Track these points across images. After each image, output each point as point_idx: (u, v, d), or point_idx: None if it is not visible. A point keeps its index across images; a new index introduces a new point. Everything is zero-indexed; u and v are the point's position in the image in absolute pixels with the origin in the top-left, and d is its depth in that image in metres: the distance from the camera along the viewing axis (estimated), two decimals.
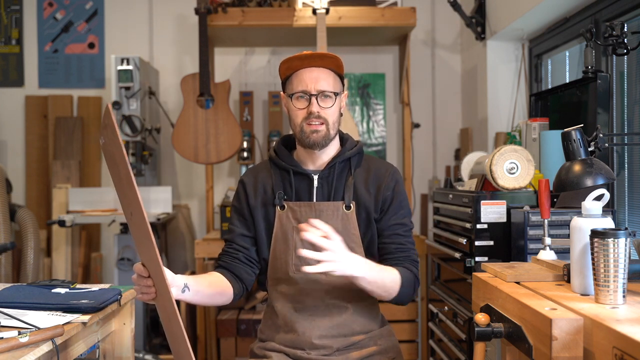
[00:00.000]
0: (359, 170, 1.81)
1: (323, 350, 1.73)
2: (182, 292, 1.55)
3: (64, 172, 3.98)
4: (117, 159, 1.32)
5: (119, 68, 3.54)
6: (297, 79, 1.75)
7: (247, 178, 1.85)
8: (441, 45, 4.21)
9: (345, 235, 1.74)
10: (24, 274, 3.59)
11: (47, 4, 4.19)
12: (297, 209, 1.77)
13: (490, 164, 2.26)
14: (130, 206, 1.35)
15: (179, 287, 1.54)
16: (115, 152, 1.31)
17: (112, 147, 1.32)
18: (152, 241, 1.31)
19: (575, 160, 1.70)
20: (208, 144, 3.49)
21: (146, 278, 1.45)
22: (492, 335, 1.55)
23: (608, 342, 1.19)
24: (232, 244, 1.82)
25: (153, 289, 1.46)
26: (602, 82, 2.26)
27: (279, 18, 3.54)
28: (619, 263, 1.35)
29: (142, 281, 1.45)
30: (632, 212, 2.48)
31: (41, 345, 1.36)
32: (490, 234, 2.27)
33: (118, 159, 1.31)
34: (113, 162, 1.36)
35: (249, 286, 1.81)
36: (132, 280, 1.49)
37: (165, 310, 1.44)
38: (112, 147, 1.32)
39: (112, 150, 1.33)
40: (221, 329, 3.44)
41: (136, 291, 1.50)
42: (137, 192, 1.28)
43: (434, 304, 2.90)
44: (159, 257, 1.34)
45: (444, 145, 4.21)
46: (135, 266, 1.46)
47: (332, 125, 1.75)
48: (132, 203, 1.32)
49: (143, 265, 1.45)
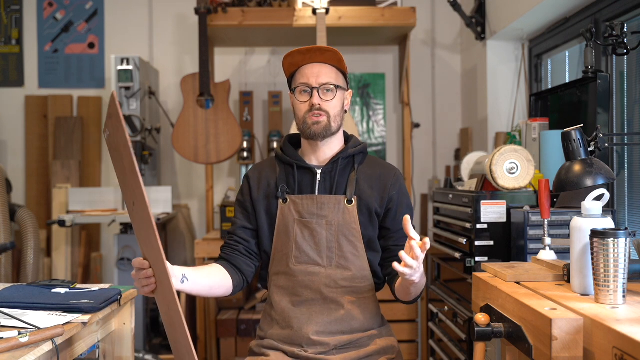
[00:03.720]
0: (363, 168, 1.84)
1: (320, 347, 1.73)
2: (181, 282, 1.56)
3: (64, 172, 3.98)
4: (121, 148, 1.33)
5: (119, 68, 3.54)
6: (299, 74, 1.80)
7: (252, 173, 1.90)
8: (441, 45, 4.21)
9: (345, 229, 1.76)
10: (24, 274, 3.59)
11: (47, 4, 4.19)
12: (299, 201, 1.79)
13: (490, 164, 2.26)
14: (133, 195, 1.36)
15: (178, 277, 1.55)
16: (120, 141, 1.32)
17: (116, 137, 1.33)
18: (153, 228, 1.32)
19: (575, 160, 1.70)
20: (208, 144, 3.49)
21: (146, 270, 1.46)
22: (492, 335, 1.55)
23: (608, 342, 1.19)
24: (233, 236, 1.85)
25: (153, 280, 1.47)
26: (602, 82, 2.26)
27: (279, 18, 3.54)
28: (619, 263, 1.35)
29: (142, 273, 1.47)
30: (632, 212, 2.48)
31: (41, 345, 1.36)
32: (490, 234, 2.27)
33: (122, 148, 1.32)
34: (117, 153, 1.37)
35: (249, 278, 1.84)
36: (132, 276, 1.50)
37: (165, 299, 1.45)
38: (116, 137, 1.33)
39: (117, 140, 1.33)
40: (221, 329, 3.44)
41: (136, 286, 1.51)
42: (139, 180, 1.28)
43: (434, 304, 2.90)
44: (160, 244, 1.35)
45: (444, 145, 4.21)
46: (135, 260, 1.48)
47: (334, 118, 1.78)
48: (135, 192, 1.33)
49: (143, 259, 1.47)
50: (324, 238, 1.76)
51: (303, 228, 1.77)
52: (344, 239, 1.76)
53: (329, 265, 1.76)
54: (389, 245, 1.81)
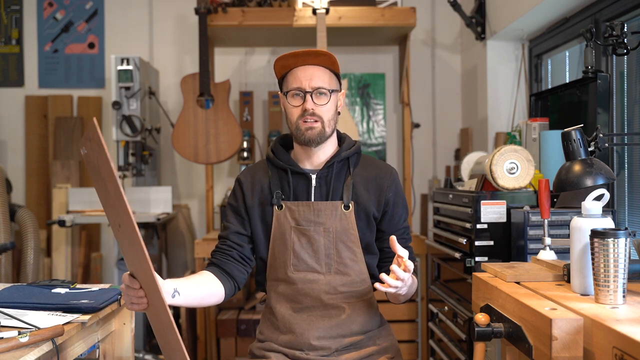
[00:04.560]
0: (358, 170, 1.81)
1: (322, 351, 1.73)
2: (172, 297, 1.52)
3: (64, 172, 3.98)
4: (103, 173, 1.26)
5: (119, 68, 3.54)
6: (292, 77, 1.75)
7: (244, 177, 1.84)
8: (441, 45, 4.21)
9: (343, 235, 1.74)
10: (24, 274, 3.59)
11: (47, 4, 4.19)
12: (295, 208, 1.76)
13: (490, 164, 2.26)
14: (119, 218, 1.30)
15: (169, 292, 1.51)
16: (102, 167, 1.25)
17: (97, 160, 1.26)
18: (144, 253, 1.27)
19: (575, 160, 1.70)
20: (208, 144, 3.49)
21: (137, 289, 1.42)
22: (492, 335, 1.55)
23: (608, 342, 1.19)
24: (226, 241, 1.80)
25: (145, 300, 1.43)
26: (602, 82, 2.26)
27: (279, 18, 3.54)
28: (619, 263, 1.35)
29: (133, 292, 1.42)
30: (632, 212, 2.48)
31: (41, 345, 1.36)
32: (490, 234, 2.27)
33: (105, 174, 1.25)
34: (98, 175, 1.30)
35: (240, 285, 1.79)
36: (121, 289, 1.46)
37: (159, 320, 1.41)
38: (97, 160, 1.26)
39: (98, 163, 1.26)
40: (221, 329, 3.44)
41: (125, 301, 1.46)
42: (127, 206, 1.22)
43: (434, 304, 2.90)
44: (152, 268, 1.30)
45: (444, 145, 4.21)
46: (125, 277, 1.43)
47: (328, 123, 1.74)
48: (121, 216, 1.27)
49: (132, 276, 1.42)
50: (322, 245, 1.74)
51: (300, 235, 1.75)
52: (342, 245, 1.74)
53: (327, 272, 1.75)
54: (385, 247, 1.80)
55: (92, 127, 1.22)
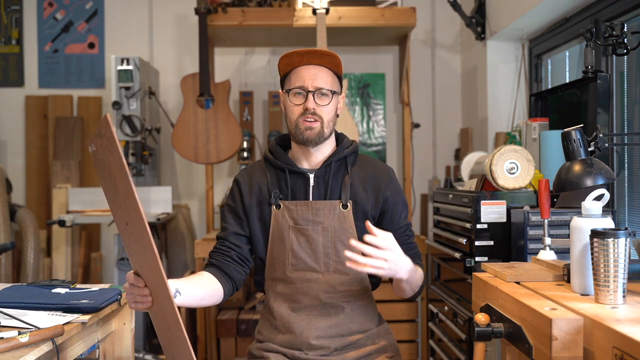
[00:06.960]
0: (355, 170, 1.81)
1: (321, 350, 1.73)
2: (174, 297, 1.51)
3: (64, 172, 3.98)
4: (114, 171, 1.25)
5: (119, 68, 3.54)
6: (295, 76, 1.76)
7: (242, 177, 1.85)
8: (441, 45, 4.21)
9: (342, 234, 1.75)
10: (24, 274, 3.59)
11: (47, 4, 4.19)
12: (294, 208, 1.77)
13: (490, 164, 2.26)
14: (127, 216, 1.29)
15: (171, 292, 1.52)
16: (113, 165, 1.24)
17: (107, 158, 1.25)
18: (154, 251, 1.26)
19: (575, 160, 1.70)
20: (208, 144, 3.49)
21: (142, 288, 1.42)
22: (492, 335, 1.55)
23: (608, 342, 1.19)
24: (224, 242, 1.80)
25: (149, 298, 1.42)
26: (602, 82, 2.26)
27: (279, 18, 3.54)
28: (619, 263, 1.35)
29: (138, 290, 1.42)
30: (632, 212, 2.48)
31: (41, 345, 1.36)
32: (490, 234, 2.27)
33: (116, 172, 1.24)
34: (107, 172, 1.29)
35: (239, 285, 1.80)
36: (124, 288, 1.46)
37: (164, 319, 1.40)
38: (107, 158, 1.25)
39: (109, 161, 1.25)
40: (221, 329, 3.44)
41: (129, 299, 1.46)
42: (138, 204, 1.21)
43: (434, 304, 2.90)
44: (162, 267, 1.29)
45: (444, 145, 4.21)
46: (129, 275, 1.43)
47: (327, 124, 1.75)
48: (130, 214, 1.26)
49: (136, 274, 1.42)
50: (320, 244, 1.74)
51: (299, 235, 1.75)
52: (341, 245, 1.74)
53: (326, 271, 1.75)
54: None
55: (105, 123, 1.22)
